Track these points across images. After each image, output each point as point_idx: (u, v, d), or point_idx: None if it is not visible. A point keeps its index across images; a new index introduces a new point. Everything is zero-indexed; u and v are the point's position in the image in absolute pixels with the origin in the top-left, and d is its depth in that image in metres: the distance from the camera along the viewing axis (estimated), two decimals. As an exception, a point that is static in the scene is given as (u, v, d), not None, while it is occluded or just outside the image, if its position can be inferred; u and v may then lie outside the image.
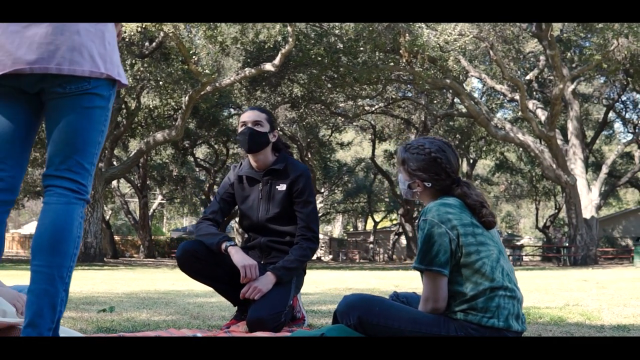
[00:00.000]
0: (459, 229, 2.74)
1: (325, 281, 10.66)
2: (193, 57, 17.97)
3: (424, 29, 18.52)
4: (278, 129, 4.41)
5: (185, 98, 20.78)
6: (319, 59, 20.41)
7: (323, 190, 43.99)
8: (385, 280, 11.70)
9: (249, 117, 4.02)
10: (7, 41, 2.31)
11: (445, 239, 2.72)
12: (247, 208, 4.06)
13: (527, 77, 25.67)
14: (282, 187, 3.98)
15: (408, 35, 18.55)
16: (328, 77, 23.71)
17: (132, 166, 27.06)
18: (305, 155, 34.02)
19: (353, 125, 35.12)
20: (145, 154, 26.20)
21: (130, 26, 16.55)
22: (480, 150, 35.69)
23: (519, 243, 47.25)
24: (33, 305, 2.30)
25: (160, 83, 21.83)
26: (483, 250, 2.75)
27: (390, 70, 22.11)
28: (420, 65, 20.21)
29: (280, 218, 3.98)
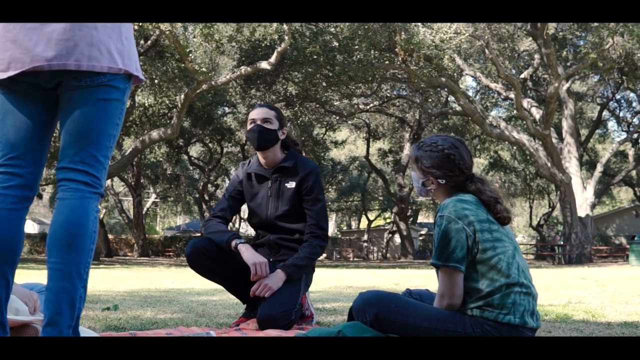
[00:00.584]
0: (476, 225, 2.74)
1: (324, 279, 10.65)
2: (190, 55, 17.92)
3: (420, 28, 18.51)
4: (287, 126, 4.40)
5: (180, 96, 20.73)
6: (314, 57, 20.38)
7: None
8: (383, 278, 11.70)
9: (258, 115, 4.00)
10: (25, 38, 2.29)
11: (462, 235, 2.72)
12: (256, 205, 4.05)
13: (522, 76, 25.70)
14: (292, 185, 3.97)
15: (404, 33, 18.55)
16: (323, 76, 23.69)
17: (128, 164, 26.97)
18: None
19: (347, 123, 35.10)
20: (141, 152, 26.12)
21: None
22: (474, 148, 35.72)
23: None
24: (52, 304, 2.29)
25: (155, 81, 21.78)
26: (499, 247, 2.75)
27: (385, 68, 22.10)
28: (416, 64, 20.21)
29: (289, 215, 3.97)
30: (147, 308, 5.29)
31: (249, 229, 42.05)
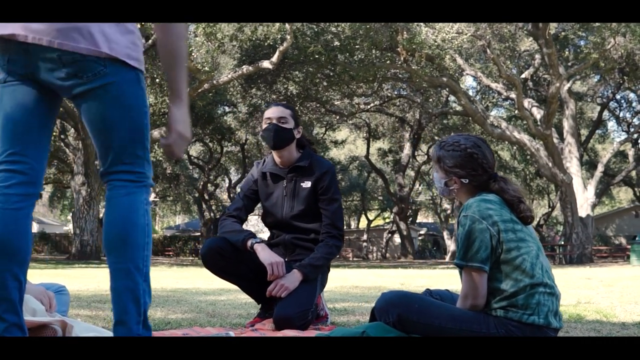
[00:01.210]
0: (500, 225, 2.72)
1: (328, 279, 10.60)
2: (192, 55, 17.89)
3: (422, 27, 18.48)
4: (302, 125, 4.37)
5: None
6: (315, 56, 20.35)
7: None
8: (387, 278, 11.69)
9: (273, 113, 3.98)
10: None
11: (486, 235, 2.70)
12: (271, 205, 4.02)
13: (523, 76, 25.68)
14: (307, 184, 3.94)
15: (406, 33, 18.53)
16: (324, 75, 23.65)
17: (128, 164, 26.86)
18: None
19: (347, 123, 35.05)
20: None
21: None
22: (475, 148, 35.65)
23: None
24: (118, 304, 2.27)
25: (156, 80, 21.73)
26: (523, 247, 2.73)
27: (386, 68, 22.08)
28: (417, 63, 20.18)
29: (304, 215, 3.95)
30: (157, 308, 5.27)
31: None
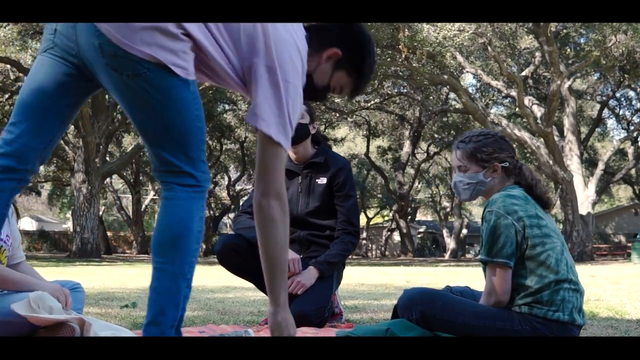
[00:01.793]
0: (525, 220, 2.69)
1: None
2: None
3: (424, 25, 18.45)
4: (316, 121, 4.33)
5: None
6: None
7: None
8: (390, 276, 11.67)
9: (288, 109, 3.93)
10: None
11: (511, 230, 2.67)
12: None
13: (523, 74, 25.67)
14: (323, 181, 3.90)
15: (407, 30, 18.49)
16: (324, 73, 23.56)
17: (130, 161, 26.90)
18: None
19: (347, 121, 35.01)
20: (142, 148, 26.07)
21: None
22: (474, 146, 35.63)
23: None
24: (155, 303, 2.22)
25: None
26: (548, 242, 2.71)
27: (387, 65, 22.04)
28: (418, 61, 20.16)
29: (320, 212, 3.91)
30: (167, 305, 5.22)
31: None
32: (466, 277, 10.75)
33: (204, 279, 9.63)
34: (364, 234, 48.63)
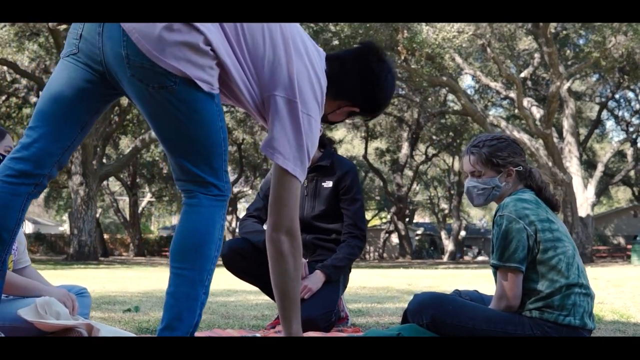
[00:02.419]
0: (537, 224, 2.69)
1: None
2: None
3: (423, 26, 18.44)
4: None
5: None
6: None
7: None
8: (391, 278, 11.64)
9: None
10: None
11: (523, 234, 2.67)
12: (292, 205, 3.96)
13: (522, 75, 25.66)
14: (329, 184, 3.88)
15: (406, 32, 18.48)
16: (323, 74, 23.55)
17: (128, 163, 26.83)
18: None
19: (345, 122, 34.98)
20: (140, 150, 26.05)
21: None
22: (472, 147, 35.62)
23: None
24: (172, 308, 2.22)
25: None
26: (559, 247, 2.70)
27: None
28: (417, 63, 20.15)
29: (326, 215, 3.89)
30: (170, 309, 5.19)
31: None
32: (467, 280, 10.74)
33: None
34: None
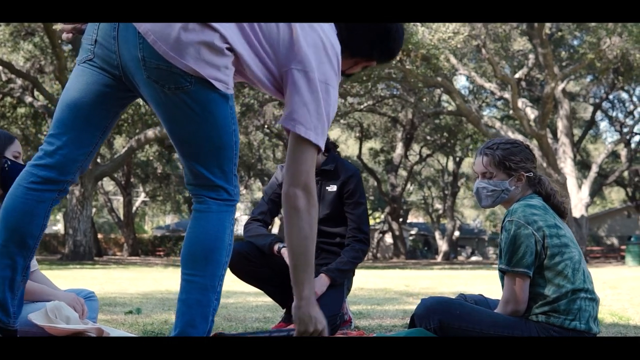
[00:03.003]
0: (545, 230, 2.72)
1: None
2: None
3: (419, 27, 18.47)
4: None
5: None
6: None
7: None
8: (388, 279, 11.68)
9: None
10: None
11: (531, 240, 2.69)
12: (296, 209, 3.98)
13: (516, 76, 25.72)
14: (333, 188, 3.90)
15: (402, 33, 18.47)
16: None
17: (123, 163, 26.78)
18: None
19: (339, 123, 34.99)
20: (135, 150, 25.99)
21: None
22: (467, 148, 35.75)
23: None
24: (185, 315, 2.23)
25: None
26: (566, 252, 2.74)
27: (381, 67, 22.04)
28: (412, 63, 20.17)
29: (330, 219, 3.91)
30: (170, 311, 5.21)
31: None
32: (464, 281, 10.78)
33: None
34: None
